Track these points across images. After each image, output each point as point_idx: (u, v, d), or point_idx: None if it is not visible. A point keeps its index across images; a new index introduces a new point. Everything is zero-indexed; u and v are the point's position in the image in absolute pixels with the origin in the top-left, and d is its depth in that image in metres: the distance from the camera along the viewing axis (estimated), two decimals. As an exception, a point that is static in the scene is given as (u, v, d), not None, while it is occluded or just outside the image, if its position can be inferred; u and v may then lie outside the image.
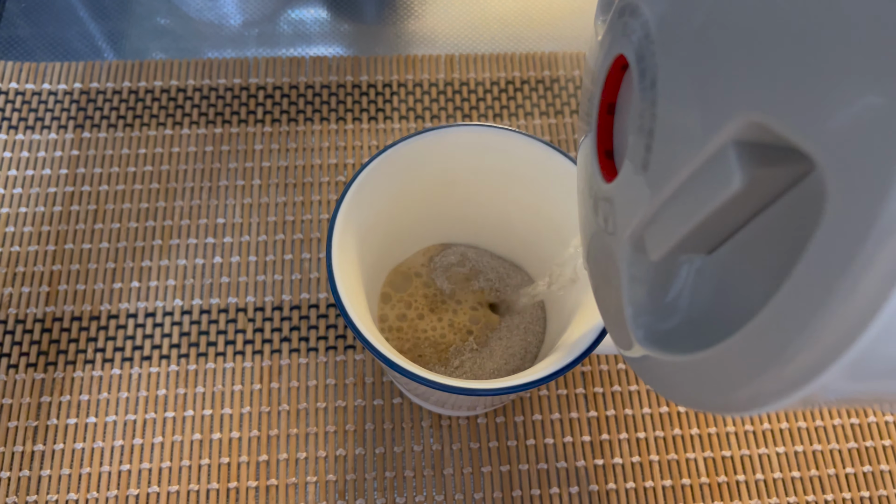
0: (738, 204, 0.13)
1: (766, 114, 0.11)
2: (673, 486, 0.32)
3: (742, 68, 0.12)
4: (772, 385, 0.11)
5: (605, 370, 0.35)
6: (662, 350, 0.15)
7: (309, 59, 0.42)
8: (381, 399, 0.33)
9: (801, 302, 0.10)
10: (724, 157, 0.12)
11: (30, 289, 0.35)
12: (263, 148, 0.39)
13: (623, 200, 0.17)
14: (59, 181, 0.38)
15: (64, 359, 0.34)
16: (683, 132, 0.14)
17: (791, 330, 0.11)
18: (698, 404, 0.14)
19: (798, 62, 0.10)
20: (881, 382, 0.11)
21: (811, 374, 0.10)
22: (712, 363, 0.13)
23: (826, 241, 0.10)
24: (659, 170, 0.15)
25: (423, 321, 0.33)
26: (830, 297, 0.10)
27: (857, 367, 0.10)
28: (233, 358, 0.34)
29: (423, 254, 0.35)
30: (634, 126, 0.16)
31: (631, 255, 0.17)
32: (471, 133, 0.29)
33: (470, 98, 0.41)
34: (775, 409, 0.11)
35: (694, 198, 0.14)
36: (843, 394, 0.11)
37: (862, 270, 0.09)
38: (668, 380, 0.15)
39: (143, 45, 0.44)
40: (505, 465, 0.32)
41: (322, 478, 0.32)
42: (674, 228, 0.15)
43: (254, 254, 0.36)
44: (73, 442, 0.32)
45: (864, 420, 0.34)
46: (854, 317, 0.09)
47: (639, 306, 0.17)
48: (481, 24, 0.45)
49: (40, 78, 0.41)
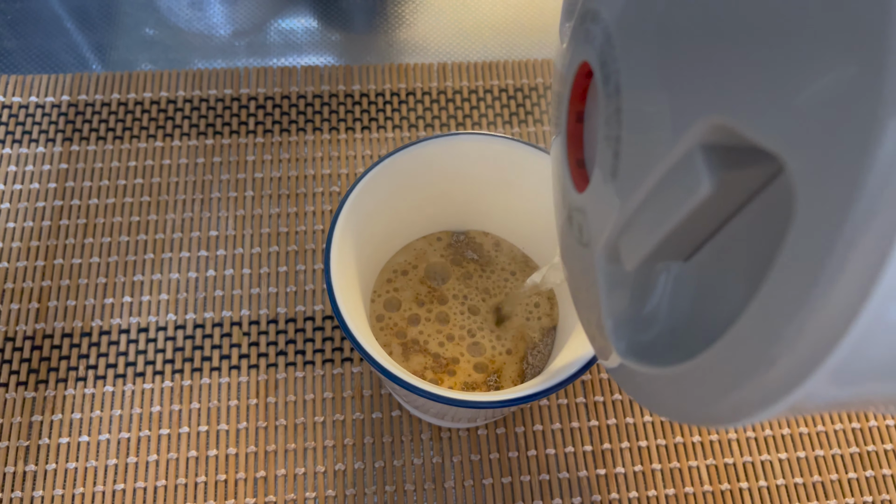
0: (709, 209, 0.13)
1: (728, 116, 0.11)
2: (676, 495, 0.32)
3: (700, 70, 0.12)
4: (754, 395, 0.11)
5: (606, 379, 0.34)
6: (644, 362, 0.15)
7: (300, 68, 0.42)
8: (380, 412, 0.33)
9: (778, 308, 0.10)
10: (691, 161, 0.12)
11: (19, 305, 0.34)
12: (256, 159, 0.39)
13: (595, 210, 0.17)
14: (47, 195, 0.37)
15: (55, 377, 0.33)
16: (649, 138, 0.14)
17: (769, 337, 0.10)
18: (681, 416, 0.14)
19: (751, 59, 0.10)
20: (867, 385, 0.10)
21: (794, 382, 0.10)
22: (694, 375, 0.13)
23: (798, 241, 0.10)
24: (628, 177, 0.15)
25: (417, 325, 0.32)
26: (807, 301, 0.09)
27: (841, 372, 0.10)
28: (228, 373, 0.33)
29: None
30: (602, 133, 0.16)
31: (606, 265, 0.17)
32: (469, 142, 0.29)
33: (463, 106, 0.41)
34: (760, 420, 0.11)
35: (664, 204, 0.13)
36: (828, 400, 0.11)
37: (837, 270, 0.09)
38: (650, 391, 0.15)
39: (132, 56, 0.43)
40: (507, 477, 0.32)
41: (321, 493, 0.31)
42: (646, 237, 0.14)
43: (248, 266, 0.36)
44: (65, 461, 0.31)
45: (865, 425, 0.34)
46: (833, 320, 0.09)
47: (618, 318, 0.16)
48: (473, 32, 0.45)
49: (27, 90, 0.40)
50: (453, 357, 0.31)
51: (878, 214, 0.08)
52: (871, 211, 0.08)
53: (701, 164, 0.12)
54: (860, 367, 0.10)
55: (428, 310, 0.32)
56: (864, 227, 0.08)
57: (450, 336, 0.31)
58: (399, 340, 0.31)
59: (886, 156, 0.08)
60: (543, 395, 0.24)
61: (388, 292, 0.32)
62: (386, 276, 0.33)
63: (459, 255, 0.33)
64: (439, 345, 0.31)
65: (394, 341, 0.31)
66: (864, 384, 0.10)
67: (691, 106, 0.12)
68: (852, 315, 0.09)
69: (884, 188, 0.08)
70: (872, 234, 0.08)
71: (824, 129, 0.09)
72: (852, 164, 0.08)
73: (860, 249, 0.09)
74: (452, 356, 0.31)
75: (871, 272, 0.08)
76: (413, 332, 0.31)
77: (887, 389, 0.11)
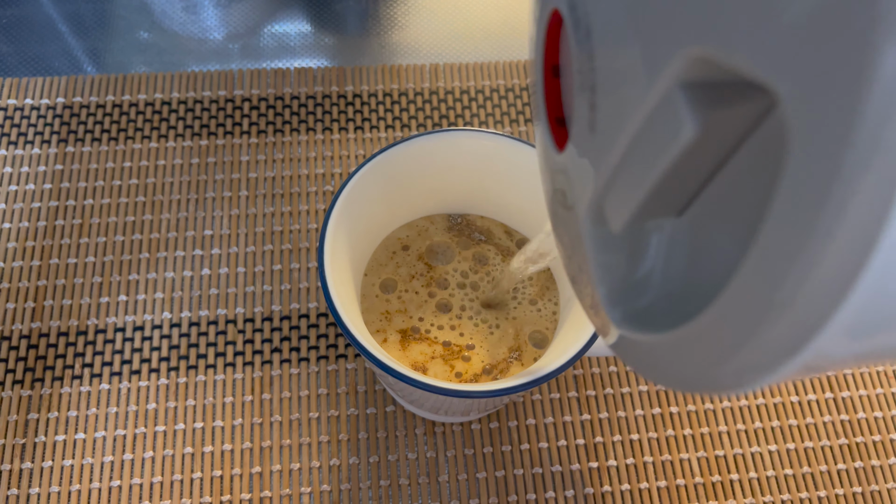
0: (696, 155, 0.12)
1: (708, 45, 0.10)
2: (668, 487, 0.32)
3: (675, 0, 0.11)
4: (758, 355, 0.10)
5: (597, 373, 0.35)
6: (642, 330, 0.14)
7: (294, 70, 0.42)
8: (374, 407, 0.33)
9: (777, 259, 0.09)
10: (672, 103, 0.11)
11: (15, 305, 0.35)
12: (250, 159, 0.39)
13: (576, 169, 0.16)
14: (43, 196, 0.37)
15: (51, 375, 0.33)
16: (625, 83, 0.13)
17: (770, 292, 0.09)
18: (686, 385, 0.13)
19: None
20: (886, 335, 0.09)
21: (801, 340, 0.09)
22: (693, 338, 0.12)
23: (795, 180, 0.09)
24: (606, 129, 0.14)
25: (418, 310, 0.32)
26: (808, 247, 0.08)
27: (856, 324, 0.09)
28: (223, 370, 0.34)
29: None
30: (576, 85, 0.15)
31: (593, 229, 0.15)
32: (462, 138, 0.29)
33: (455, 106, 0.41)
34: (768, 383, 0.10)
35: (647, 155, 0.12)
36: (844, 355, 0.10)
37: (839, 210, 0.08)
38: (651, 361, 0.14)
39: (126, 60, 0.43)
40: (500, 471, 0.32)
41: (316, 488, 0.32)
42: (631, 192, 0.13)
43: (242, 265, 0.36)
44: (61, 459, 0.32)
45: (854, 417, 0.34)
46: (841, 266, 0.08)
47: (611, 285, 0.15)
48: (465, 34, 0.45)
49: (22, 93, 0.40)
50: (467, 344, 0.30)
51: (880, 146, 0.07)
52: (874, 142, 0.07)
53: (683, 104, 0.11)
54: (877, 317, 0.09)
55: (430, 293, 0.31)
56: (867, 160, 0.08)
57: (453, 325, 0.31)
58: (397, 328, 0.30)
59: (884, 84, 0.07)
60: (536, 384, 0.24)
61: (382, 277, 0.32)
62: (379, 259, 0.32)
63: (465, 236, 0.33)
64: (451, 330, 0.31)
65: (391, 330, 0.30)
66: (882, 335, 0.09)
67: (667, 39, 0.11)
68: (862, 260, 0.08)
69: (886, 119, 0.07)
70: (877, 169, 0.08)
71: (815, 52, 0.08)
72: (849, 92, 0.08)
73: (863, 189, 0.08)
74: (464, 343, 0.30)
75: (878, 213, 0.08)
76: (413, 320, 0.31)
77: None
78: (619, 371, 0.35)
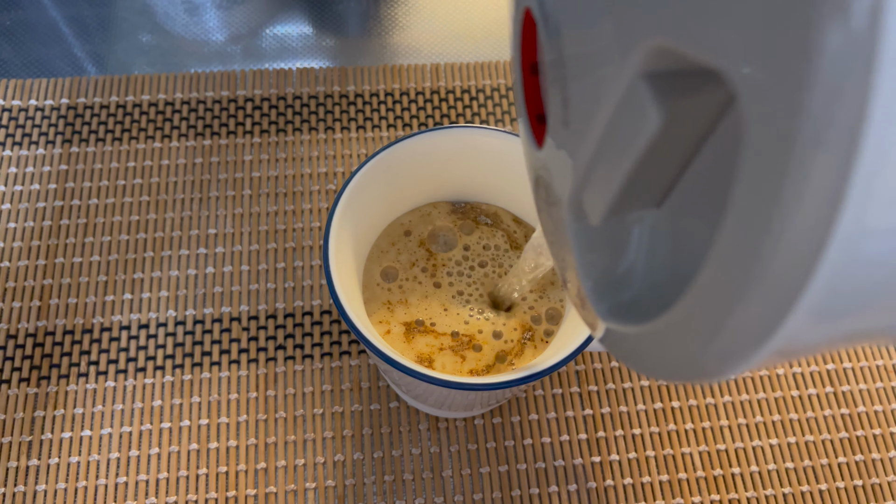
0: (665, 144, 0.12)
1: (667, 34, 0.10)
2: (670, 481, 0.33)
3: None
4: (735, 341, 0.10)
5: (599, 368, 0.35)
6: (628, 322, 0.14)
7: (295, 70, 0.43)
8: (378, 403, 0.34)
9: (743, 241, 0.09)
10: (637, 93, 0.11)
11: (21, 304, 0.35)
12: (253, 158, 0.39)
13: (555, 165, 0.16)
14: (48, 196, 0.38)
15: (57, 373, 0.33)
16: (593, 76, 0.13)
17: (737, 278, 0.09)
18: (672, 374, 0.13)
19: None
20: (854, 320, 0.09)
21: (772, 324, 0.09)
22: (674, 326, 0.12)
23: (752, 168, 0.09)
24: (579, 123, 0.14)
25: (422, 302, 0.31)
26: (768, 233, 0.09)
27: (822, 308, 0.09)
28: (228, 367, 0.34)
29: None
30: (550, 80, 0.15)
31: (575, 224, 0.16)
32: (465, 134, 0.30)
33: (456, 105, 0.42)
34: (748, 368, 0.10)
35: (618, 146, 0.12)
36: (816, 339, 0.10)
37: (793, 199, 0.08)
38: (640, 354, 0.14)
39: (128, 62, 0.44)
40: (503, 466, 0.33)
41: (321, 484, 0.32)
42: (606, 185, 0.13)
43: (246, 263, 0.37)
44: (68, 456, 0.32)
45: (854, 411, 0.35)
46: (799, 252, 0.08)
47: (597, 279, 0.15)
48: (465, 34, 0.46)
49: (27, 94, 0.41)
50: (475, 332, 0.30)
51: (831, 125, 0.07)
52: (824, 120, 0.07)
53: (647, 94, 0.11)
54: (841, 302, 0.09)
55: (435, 283, 0.31)
56: (816, 148, 0.08)
57: (459, 314, 0.30)
58: (401, 320, 0.30)
59: (830, 62, 0.07)
60: (537, 378, 0.24)
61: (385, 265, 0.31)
62: (381, 246, 0.32)
63: (470, 219, 0.32)
64: (456, 317, 0.30)
65: (395, 321, 0.30)
66: (849, 319, 0.09)
67: (629, 31, 0.11)
68: (819, 246, 0.08)
69: (833, 99, 0.07)
70: (829, 148, 0.08)
71: (762, 36, 0.08)
72: (796, 73, 0.08)
73: (816, 170, 0.08)
74: (472, 332, 0.30)
75: (832, 200, 0.08)
76: (419, 311, 0.30)
77: (878, 321, 0.10)
78: (621, 366, 0.35)
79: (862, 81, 0.07)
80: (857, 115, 0.07)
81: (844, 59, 0.07)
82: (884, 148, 0.07)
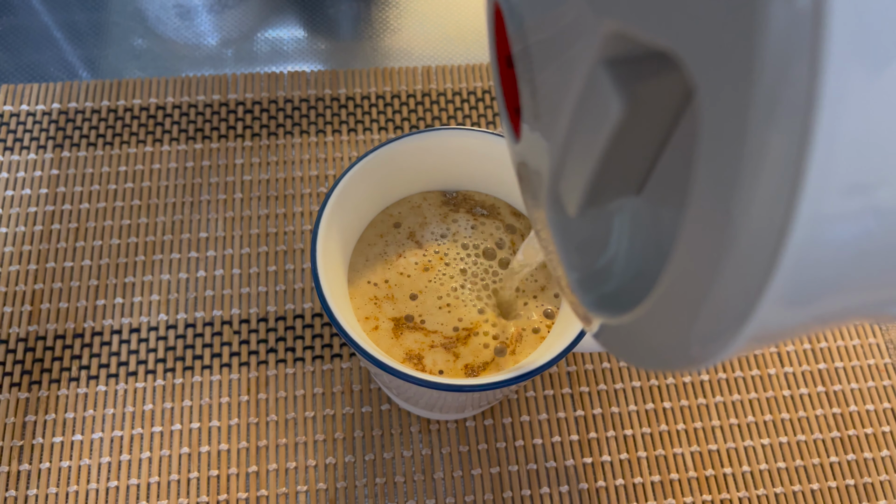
0: (632, 130, 0.12)
1: (618, 17, 0.10)
2: (661, 482, 0.33)
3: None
4: (712, 326, 0.10)
5: (591, 369, 0.35)
6: (615, 313, 0.14)
7: (287, 73, 0.43)
8: (370, 406, 0.34)
9: (707, 229, 0.09)
10: (598, 81, 0.11)
11: (12, 308, 0.35)
12: (244, 162, 0.39)
13: (532, 157, 0.16)
14: (39, 200, 0.38)
15: (48, 377, 0.33)
16: (556, 66, 0.13)
17: (704, 263, 0.10)
18: (661, 363, 0.13)
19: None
20: (825, 303, 0.10)
21: (745, 309, 0.09)
22: (656, 313, 0.12)
23: (710, 152, 0.09)
24: (548, 114, 0.14)
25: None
26: (728, 219, 0.09)
27: (790, 294, 0.09)
28: (219, 370, 0.34)
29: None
30: (520, 73, 0.15)
31: (556, 216, 0.16)
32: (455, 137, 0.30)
33: (447, 108, 0.42)
34: (732, 353, 0.10)
35: (585, 135, 0.12)
36: (792, 324, 0.10)
37: (749, 187, 0.08)
38: (630, 344, 0.14)
39: (121, 66, 0.44)
40: (495, 467, 0.33)
41: (312, 487, 0.32)
42: (579, 174, 0.13)
43: (237, 266, 0.37)
44: (59, 460, 0.32)
45: (846, 410, 0.35)
46: (759, 238, 0.08)
47: (582, 271, 0.16)
48: (456, 36, 0.46)
49: (18, 99, 0.41)
50: (467, 327, 0.29)
51: (781, 110, 0.07)
52: (773, 98, 0.07)
53: (607, 81, 0.11)
54: (810, 287, 0.09)
55: (429, 280, 0.30)
56: (769, 128, 0.08)
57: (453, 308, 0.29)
58: (389, 316, 0.29)
59: (775, 42, 0.07)
60: (526, 379, 0.24)
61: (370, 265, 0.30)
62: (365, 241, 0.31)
63: (464, 210, 0.32)
64: (447, 313, 0.29)
65: (383, 317, 0.29)
66: (820, 303, 0.09)
67: (586, 19, 0.11)
68: (782, 229, 0.08)
69: (782, 73, 0.07)
70: (780, 127, 0.08)
71: (709, 16, 0.08)
72: (744, 56, 0.08)
73: (769, 158, 0.08)
74: (464, 326, 0.29)
75: (790, 182, 0.08)
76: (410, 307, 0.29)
77: (849, 302, 0.10)
78: (613, 367, 0.35)
79: (809, 60, 0.07)
80: (807, 95, 0.07)
81: (790, 38, 0.07)
82: (836, 128, 0.07)
